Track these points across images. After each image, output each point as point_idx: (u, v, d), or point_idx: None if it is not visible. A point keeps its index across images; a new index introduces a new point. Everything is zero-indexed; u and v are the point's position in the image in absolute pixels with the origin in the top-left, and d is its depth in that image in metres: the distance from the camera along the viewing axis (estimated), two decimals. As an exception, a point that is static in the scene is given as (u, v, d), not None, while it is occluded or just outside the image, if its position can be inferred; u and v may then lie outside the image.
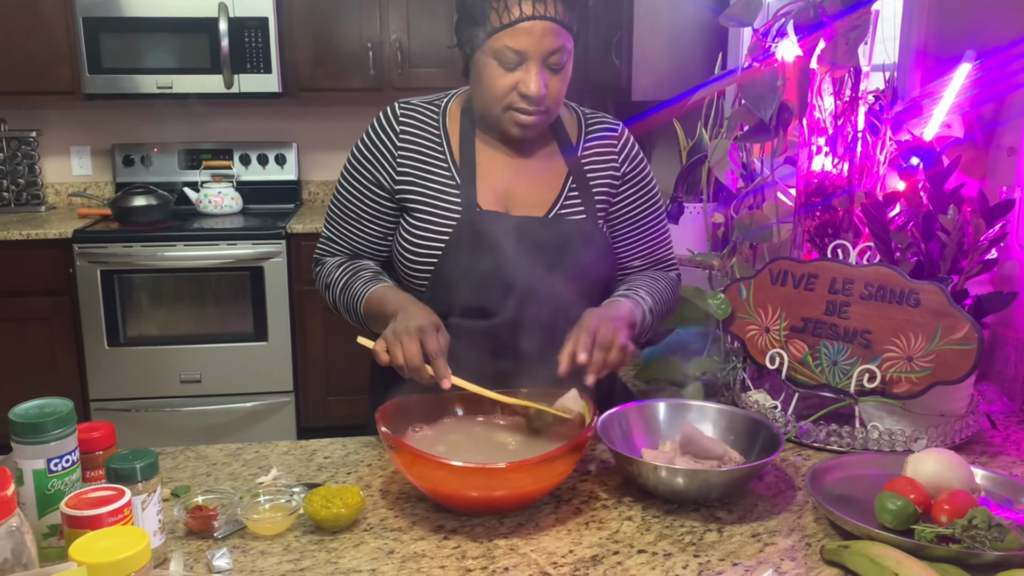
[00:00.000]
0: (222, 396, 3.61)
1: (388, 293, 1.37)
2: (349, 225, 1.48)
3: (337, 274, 1.46)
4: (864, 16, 1.39)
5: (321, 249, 1.53)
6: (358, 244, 1.48)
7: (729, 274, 1.61)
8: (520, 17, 1.28)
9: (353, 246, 1.49)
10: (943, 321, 1.28)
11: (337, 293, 1.45)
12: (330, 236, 1.51)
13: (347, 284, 1.43)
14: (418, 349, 1.21)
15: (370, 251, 1.49)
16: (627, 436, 1.29)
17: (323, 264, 1.52)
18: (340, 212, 1.48)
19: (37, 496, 0.99)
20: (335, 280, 1.46)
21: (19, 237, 3.40)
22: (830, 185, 1.47)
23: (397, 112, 1.45)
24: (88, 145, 4.02)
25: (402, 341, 1.22)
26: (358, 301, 1.40)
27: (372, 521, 1.14)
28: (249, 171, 4.02)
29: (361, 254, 1.49)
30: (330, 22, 3.70)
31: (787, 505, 1.19)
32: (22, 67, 3.55)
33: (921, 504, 1.10)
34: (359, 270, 1.45)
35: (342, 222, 1.48)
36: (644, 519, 1.15)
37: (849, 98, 1.43)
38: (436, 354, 1.21)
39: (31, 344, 3.48)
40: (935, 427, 1.34)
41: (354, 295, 1.41)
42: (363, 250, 1.49)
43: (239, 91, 3.63)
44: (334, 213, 1.50)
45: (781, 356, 1.42)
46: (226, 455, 1.35)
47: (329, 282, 1.47)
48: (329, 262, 1.50)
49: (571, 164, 1.45)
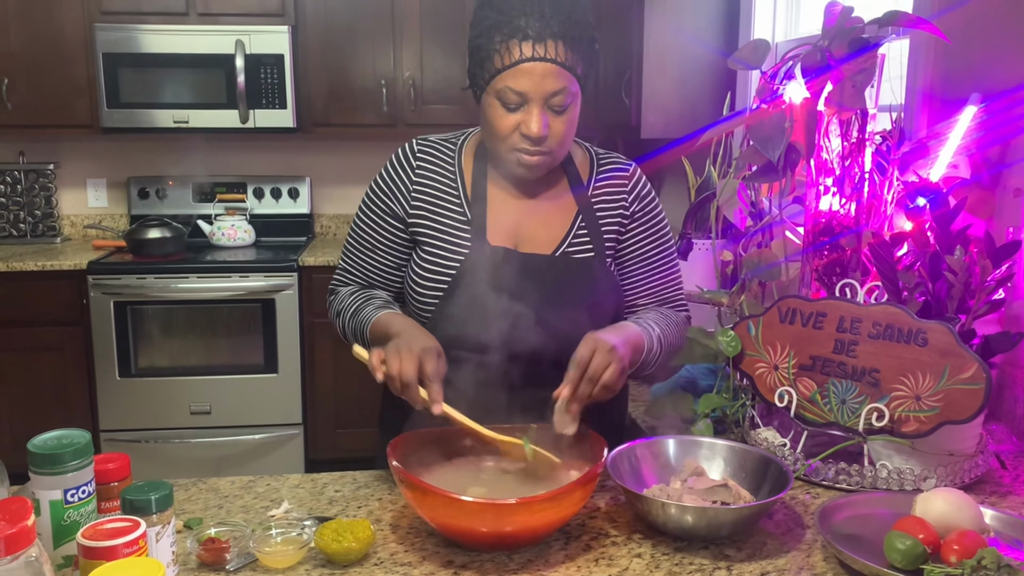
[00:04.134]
0: (232, 428, 3.62)
1: (394, 319, 1.39)
2: (364, 255, 1.52)
3: (349, 301, 1.49)
4: (870, 60, 1.41)
5: (337, 279, 1.57)
6: (372, 274, 1.52)
7: (738, 311, 1.63)
8: (520, 59, 1.30)
9: (367, 276, 1.53)
10: (951, 361, 1.29)
11: (347, 319, 1.48)
12: (346, 267, 1.55)
13: (357, 309, 1.46)
14: (415, 367, 1.22)
15: (383, 281, 1.52)
16: (636, 472, 1.29)
17: (337, 293, 1.55)
18: (356, 242, 1.53)
19: (53, 526, 1.01)
20: (346, 307, 1.49)
21: (34, 268, 3.44)
22: (838, 225, 1.49)
23: (415, 148, 1.49)
24: (104, 178, 4.08)
25: (401, 356, 1.23)
26: (365, 325, 1.42)
27: (382, 555, 1.15)
28: (262, 204, 4.07)
29: (375, 284, 1.53)
30: (345, 59, 3.76)
31: (796, 544, 1.19)
32: (42, 101, 3.62)
33: (930, 544, 1.10)
34: (371, 298, 1.48)
35: (358, 252, 1.53)
36: (653, 556, 1.15)
37: (856, 139, 1.45)
38: (433, 377, 1.22)
39: (43, 374, 3.50)
40: (944, 466, 1.34)
41: (362, 320, 1.43)
42: (377, 280, 1.52)
43: (254, 126, 3.68)
44: (350, 244, 1.54)
45: (790, 394, 1.43)
46: (238, 487, 1.36)
47: (340, 309, 1.50)
48: (343, 291, 1.54)
49: (581, 202, 1.47)
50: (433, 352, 1.25)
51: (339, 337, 1.53)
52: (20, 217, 3.94)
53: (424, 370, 1.22)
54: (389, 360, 1.23)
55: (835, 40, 1.43)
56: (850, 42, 1.42)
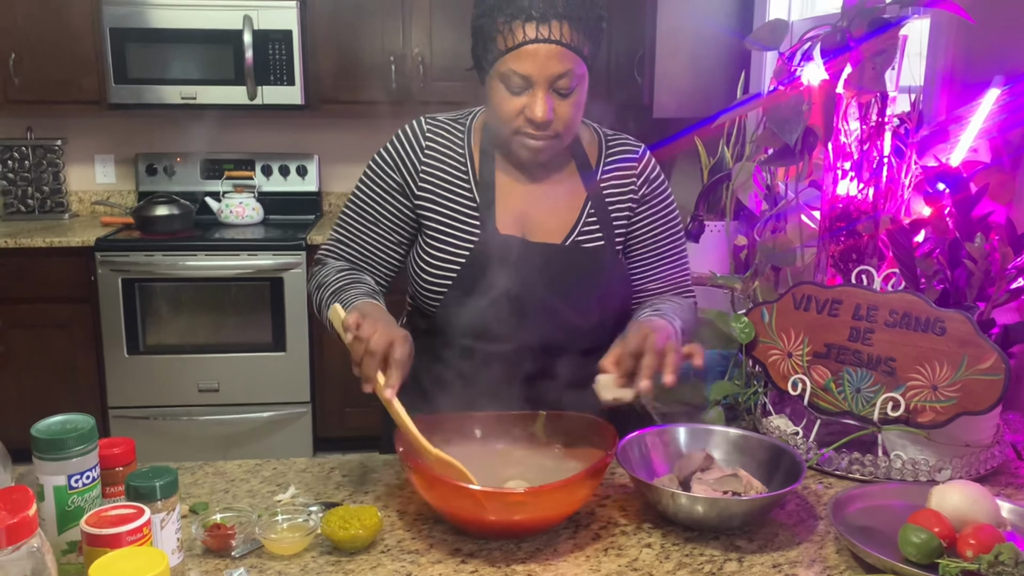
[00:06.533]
0: (239, 406, 3.62)
1: (374, 311, 1.29)
2: (363, 228, 1.45)
3: (334, 278, 1.41)
4: (891, 40, 1.38)
5: (327, 249, 1.50)
6: (367, 249, 1.45)
7: (752, 297, 1.60)
8: (524, 41, 1.26)
9: (362, 250, 1.46)
10: (969, 350, 1.27)
11: (326, 295, 1.39)
12: (339, 237, 1.48)
13: (340, 289, 1.37)
14: (387, 343, 1.17)
15: (377, 258, 1.46)
16: (647, 461, 1.28)
17: (324, 264, 1.48)
18: (354, 214, 1.46)
19: (57, 512, 1.00)
20: (330, 282, 1.40)
21: (42, 244, 3.43)
22: (855, 210, 1.46)
23: (424, 127, 1.44)
24: (112, 154, 4.06)
25: (378, 327, 1.18)
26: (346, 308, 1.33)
27: (390, 543, 1.13)
28: (270, 182, 4.05)
29: (367, 261, 1.46)
30: (353, 35, 3.72)
31: (808, 535, 1.17)
32: (49, 77, 3.59)
33: (946, 538, 1.08)
34: (357, 282, 1.40)
35: (356, 225, 1.46)
36: (663, 547, 1.14)
37: (875, 123, 1.42)
38: (399, 362, 1.18)
39: (51, 351, 3.50)
40: (960, 457, 1.32)
41: (344, 302, 1.34)
42: (371, 256, 1.46)
43: (262, 103, 3.65)
44: (348, 216, 1.47)
45: (804, 382, 1.40)
46: (244, 471, 1.35)
47: (324, 283, 1.41)
48: (331, 264, 1.47)
49: (590, 189, 1.44)
50: (406, 341, 1.20)
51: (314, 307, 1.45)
52: (28, 193, 3.93)
53: (392, 351, 1.17)
54: (363, 325, 1.18)
55: (855, 20, 1.40)
56: (870, 21, 1.38)
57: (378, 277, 1.47)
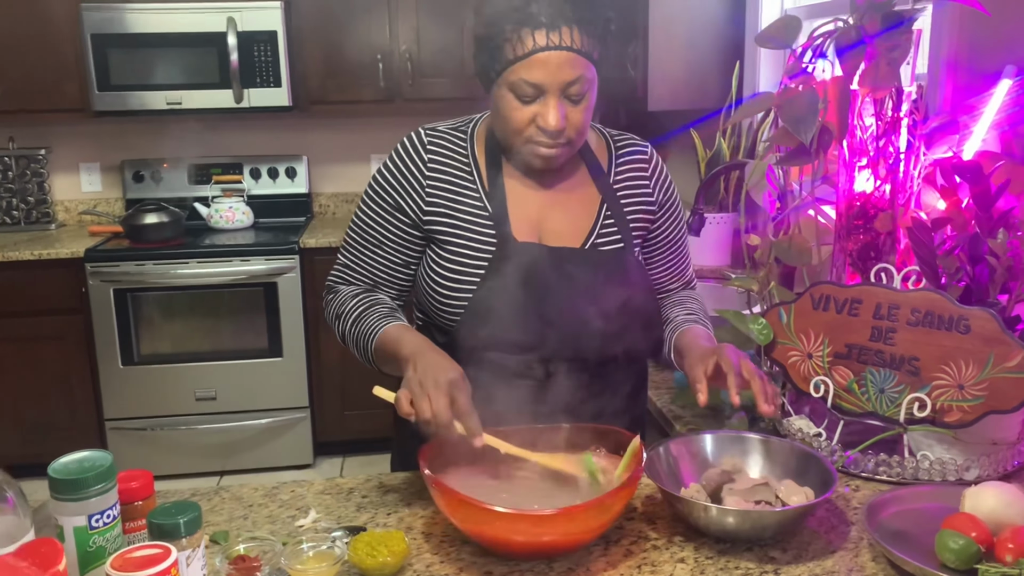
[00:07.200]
0: (238, 413, 3.59)
1: (404, 334, 1.29)
2: (369, 252, 1.42)
3: (351, 305, 1.38)
4: (905, 34, 1.36)
5: (336, 276, 1.46)
6: (377, 272, 1.42)
7: (767, 298, 1.58)
8: (534, 49, 1.23)
9: (372, 274, 1.42)
10: (995, 348, 1.25)
11: (348, 325, 1.37)
12: (347, 263, 1.44)
13: (359, 317, 1.35)
14: (447, 404, 1.13)
15: (388, 280, 1.43)
16: (674, 471, 1.26)
17: (336, 292, 1.45)
18: (360, 238, 1.42)
19: (79, 554, 0.97)
20: (347, 311, 1.38)
21: (30, 257, 3.38)
22: (871, 207, 1.44)
23: (424, 139, 1.39)
24: (97, 162, 4.00)
25: (430, 395, 1.14)
26: (370, 338, 1.32)
27: (418, 567, 1.11)
28: (260, 185, 4.00)
29: (379, 283, 1.43)
30: (339, 34, 3.66)
31: (842, 542, 1.15)
32: (30, 85, 3.52)
33: (983, 542, 1.06)
34: (374, 304, 1.37)
35: (361, 249, 1.42)
36: (697, 561, 1.12)
37: (891, 118, 1.40)
38: (467, 410, 1.15)
39: (45, 364, 3.45)
40: (986, 455, 1.31)
41: (365, 331, 1.33)
42: (382, 278, 1.42)
43: (249, 105, 3.60)
44: (353, 239, 1.43)
45: (827, 384, 1.39)
46: (262, 495, 1.32)
47: (341, 312, 1.40)
48: (343, 291, 1.43)
49: (604, 191, 1.42)
50: (460, 383, 1.16)
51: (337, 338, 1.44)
52: (13, 204, 3.86)
53: (457, 405, 1.14)
54: (417, 402, 1.14)
55: (867, 14, 1.37)
56: (884, 16, 1.36)
57: (391, 295, 1.44)
